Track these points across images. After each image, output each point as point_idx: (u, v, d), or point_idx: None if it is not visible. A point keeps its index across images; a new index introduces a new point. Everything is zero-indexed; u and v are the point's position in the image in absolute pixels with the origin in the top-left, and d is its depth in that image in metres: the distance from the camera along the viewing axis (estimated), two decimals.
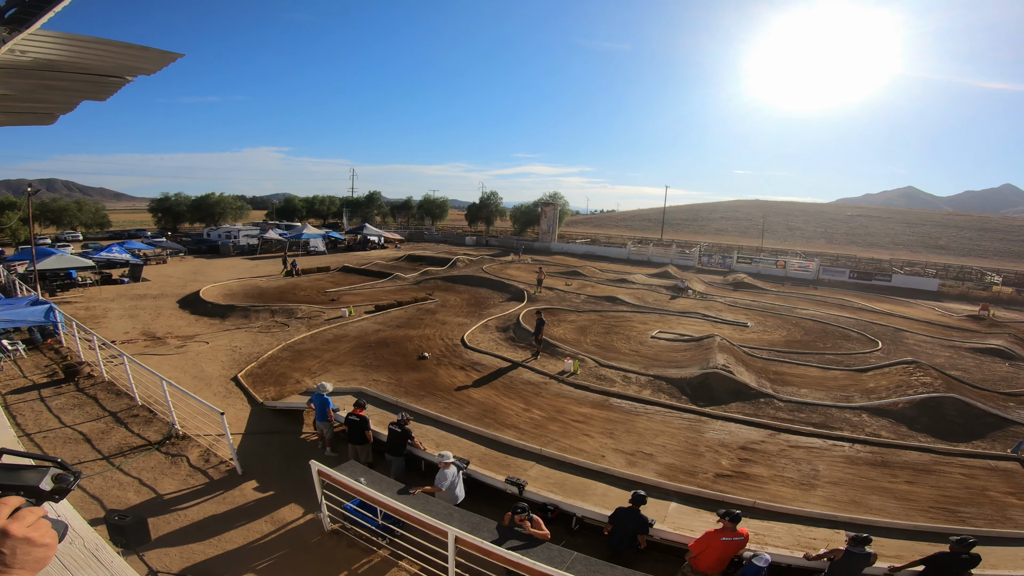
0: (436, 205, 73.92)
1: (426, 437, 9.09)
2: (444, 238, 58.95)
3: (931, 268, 53.82)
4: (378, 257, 40.13)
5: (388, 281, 28.95)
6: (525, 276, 31.66)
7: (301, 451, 9.80)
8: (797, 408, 13.09)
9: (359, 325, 18.88)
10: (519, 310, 21.77)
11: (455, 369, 14.76)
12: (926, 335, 23.01)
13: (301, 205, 74.95)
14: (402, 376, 13.98)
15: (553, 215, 55.00)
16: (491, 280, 29.38)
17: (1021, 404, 14.09)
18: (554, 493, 7.70)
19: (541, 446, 9.40)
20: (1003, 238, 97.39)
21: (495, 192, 71.15)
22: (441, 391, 13.07)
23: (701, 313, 24.48)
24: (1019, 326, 26.97)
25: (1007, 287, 41.86)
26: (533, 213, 62.45)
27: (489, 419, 11.45)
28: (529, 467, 8.48)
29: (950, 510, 8.85)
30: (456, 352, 16.20)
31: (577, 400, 12.92)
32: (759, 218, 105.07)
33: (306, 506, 7.87)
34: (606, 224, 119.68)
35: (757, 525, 7.07)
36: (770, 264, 45.10)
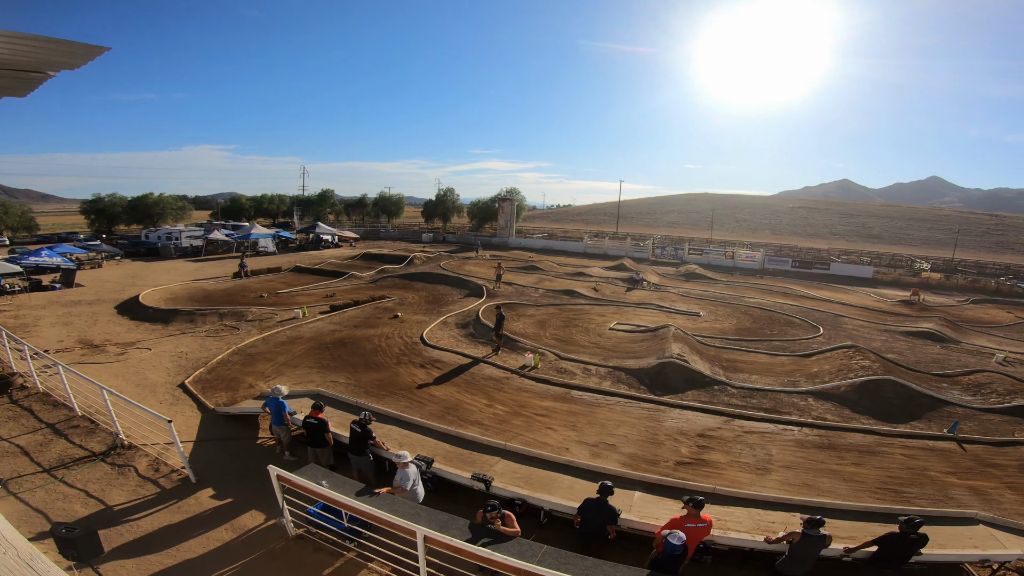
0: (392, 202, 72.75)
1: (389, 437, 8.94)
2: (400, 235, 58.04)
3: (866, 256, 57.23)
4: (332, 256, 39.11)
5: (343, 280, 28.27)
6: (484, 272, 31.65)
7: (258, 456, 9.46)
8: (749, 394, 13.56)
9: (314, 326, 18.36)
10: (478, 306, 21.71)
11: (415, 367, 14.58)
12: (863, 320, 24.42)
13: (249, 204, 72.09)
14: (361, 376, 13.70)
15: (510, 210, 55.10)
16: (449, 277, 29.17)
17: (953, 385, 15.03)
18: (521, 488, 7.70)
19: (505, 441, 9.40)
20: (931, 227, 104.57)
21: (452, 188, 70.77)
22: (402, 390, 12.88)
23: (656, 304, 25.12)
24: (947, 310, 29.06)
25: (935, 273, 45.02)
26: (490, 209, 62.37)
27: (452, 416, 11.39)
28: (495, 463, 8.47)
29: (895, 490, 9.25)
30: (416, 350, 16.00)
31: (539, 394, 13.01)
32: (709, 211, 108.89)
33: (268, 512, 7.62)
34: (563, 219, 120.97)
35: (718, 511, 7.25)
36: (719, 255, 46.77)
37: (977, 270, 51.34)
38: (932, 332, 21.68)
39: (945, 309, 29.14)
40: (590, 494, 6.68)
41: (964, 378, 15.45)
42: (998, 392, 13.99)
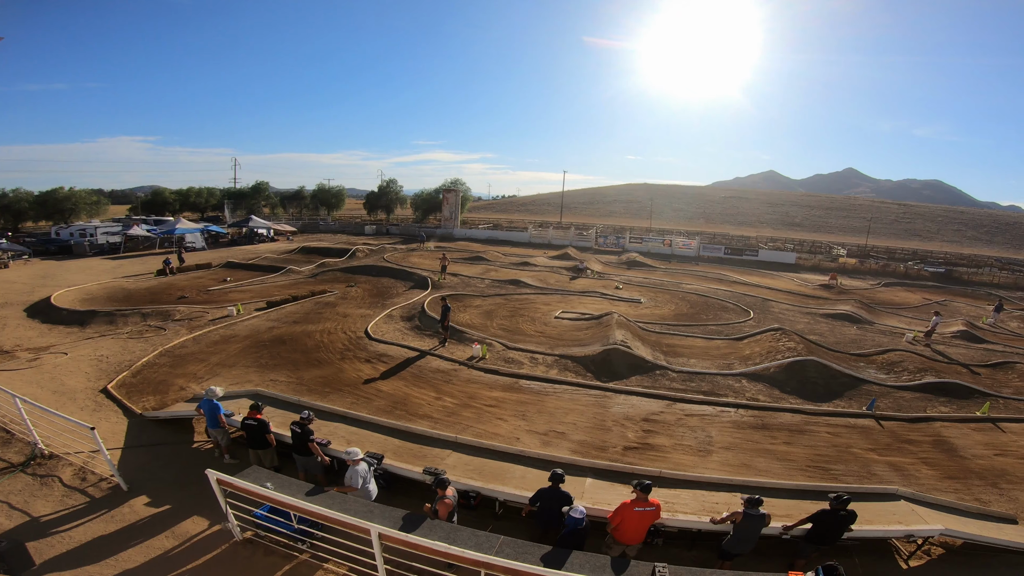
0: (332, 194, 70.17)
1: (335, 435, 8.68)
2: (342, 228, 56.17)
3: (790, 243, 60.93)
4: (268, 251, 37.35)
5: (281, 275, 27.08)
6: (428, 263, 31.24)
7: (196, 461, 8.96)
8: (688, 378, 14.10)
9: (250, 324, 17.49)
10: (424, 298, 21.43)
11: (360, 362, 14.22)
12: (788, 304, 26.01)
13: (173, 198, 67.42)
14: (303, 374, 13.20)
15: (455, 201, 54.59)
16: (393, 269, 28.60)
17: (869, 364, 16.21)
18: (474, 480, 7.69)
19: (456, 434, 9.35)
20: (846, 216, 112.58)
21: (395, 180, 69.10)
22: (347, 386, 12.53)
23: (599, 292, 25.71)
24: (862, 293, 31.45)
25: (851, 258, 48.62)
26: (435, 200, 61.50)
27: (400, 411, 11.20)
28: (446, 456, 8.41)
29: (824, 468, 9.78)
30: (360, 344, 15.60)
31: (488, 384, 13.01)
32: (648, 200, 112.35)
33: (211, 517, 7.25)
34: (508, 209, 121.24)
35: (666, 493, 7.48)
36: (658, 243, 48.44)
37: (888, 255, 55.83)
38: (849, 314, 23.39)
39: (860, 292, 31.54)
40: (543, 483, 6.74)
41: (879, 357, 16.69)
42: (909, 370, 15.23)
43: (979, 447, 10.86)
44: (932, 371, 14.95)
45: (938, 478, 9.58)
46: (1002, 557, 7.19)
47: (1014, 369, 16.02)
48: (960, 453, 10.58)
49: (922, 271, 42.93)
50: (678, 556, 6.96)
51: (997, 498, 8.95)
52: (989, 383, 14.75)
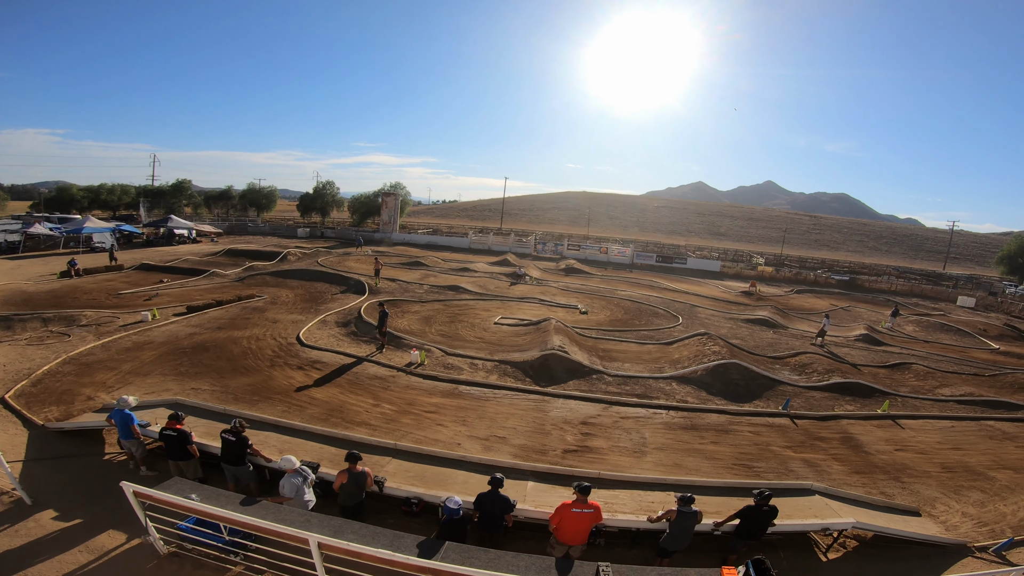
0: (262, 195, 66.75)
1: (266, 444, 8.25)
2: (272, 230, 53.59)
3: (715, 252, 64.57)
4: (188, 253, 35.01)
5: (203, 279, 25.46)
6: (365, 268, 30.45)
7: (109, 473, 8.27)
8: (623, 381, 14.53)
9: (167, 329, 16.32)
10: (360, 303, 20.87)
11: (292, 369, 13.63)
12: (713, 309, 27.50)
13: (82, 195, 61.83)
14: (229, 382, 12.47)
15: (394, 205, 53.61)
16: (328, 273, 27.66)
17: (784, 366, 17.41)
18: (415, 486, 7.55)
19: (396, 440, 9.16)
20: (765, 226, 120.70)
21: (332, 181, 66.71)
22: (278, 394, 11.97)
23: (538, 298, 26.05)
24: (778, 299, 33.78)
25: (768, 267, 52.13)
26: (373, 203, 60.04)
27: (336, 418, 10.82)
28: (386, 463, 8.20)
29: (747, 465, 10.32)
30: (292, 351, 14.96)
31: (427, 391, 12.85)
32: (586, 208, 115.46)
33: (129, 531, 6.70)
34: (449, 214, 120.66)
35: (605, 494, 7.62)
36: (595, 250, 49.83)
37: (800, 264, 60.40)
38: (766, 319, 25.09)
39: (776, 299, 33.88)
40: (485, 487, 6.72)
41: (792, 359, 17.96)
42: (818, 371, 16.48)
43: (881, 443, 11.82)
44: (839, 372, 16.26)
45: (847, 473, 10.28)
46: (909, 549, 7.71)
47: (910, 369, 17.75)
48: (865, 449, 11.44)
49: (829, 279, 46.74)
50: (620, 555, 7.08)
51: (900, 491, 9.67)
52: (888, 383, 16.16)
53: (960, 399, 15.03)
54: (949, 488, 9.88)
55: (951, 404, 14.71)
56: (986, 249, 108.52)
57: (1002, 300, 41.62)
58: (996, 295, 44.94)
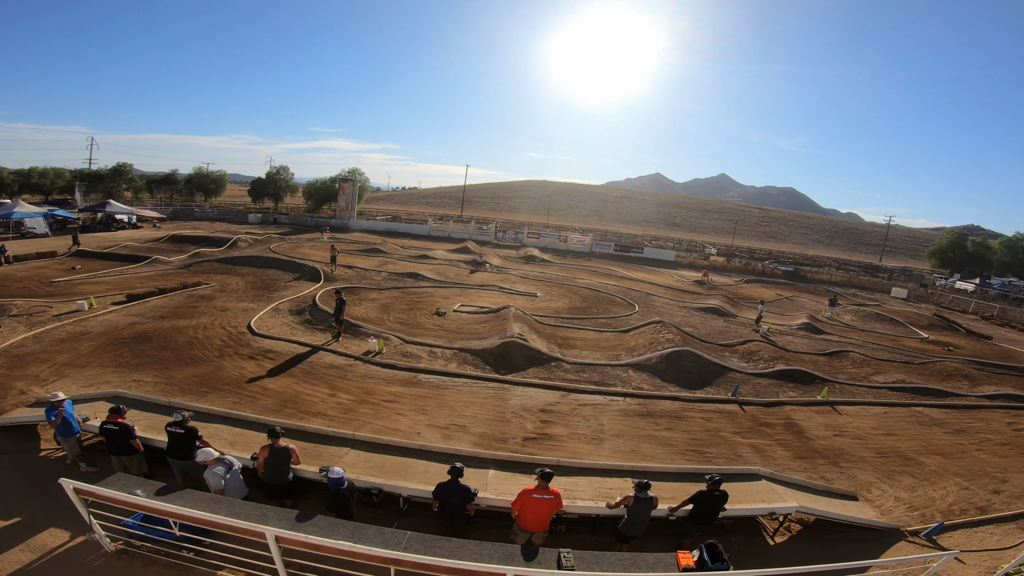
0: (211, 179, 63.53)
1: (216, 436, 7.95)
2: (222, 216, 51.17)
3: (671, 242, 66.26)
4: (128, 239, 33.04)
5: (145, 266, 24.15)
6: (320, 255, 29.64)
7: (47, 470, 7.81)
8: (581, 369, 14.77)
9: (106, 319, 15.43)
10: (315, 290, 20.33)
11: (243, 359, 13.17)
12: (668, 298, 28.25)
13: (12, 179, 57.48)
14: (174, 373, 11.94)
15: (352, 192, 52.17)
16: (281, 260, 26.79)
17: (733, 353, 18.03)
18: (375, 476, 7.45)
19: (354, 431, 9.01)
20: (718, 218, 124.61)
21: (286, 167, 64.18)
22: (228, 385, 11.55)
23: (498, 285, 26.10)
24: (728, 288, 35.00)
25: (720, 257, 53.92)
26: (330, 189, 58.25)
27: (291, 409, 10.56)
28: (344, 453, 8.06)
29: (699, 451, 10.64)
30: (243, 340, 14.45)
31: (386, 379, 12.69)
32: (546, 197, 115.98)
33: (72, 528, 6.40)
34: (408, 201, 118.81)
35: (565, 481, 7.71)
36: (555, 239, 50.23)
37: (749, 255, 62.74)
38: (717, 308, 26.00)
39: (726, 288, 35.13)
40: (446, 477, 6.70)
41: (740, 347, 18.65)
42: (764, 359, 17.18)
43: (821, 428, 12.40)
44: (782, 359, 17.03)
45: (790, 458, 10.73)
46: (848, 532, 8.10)
47: (847, 357, 18.76)
48: (806, 434, 11.98)
49: (776, 270, 48.80)
50: (581, 541, 7.19)
51: (838, 476, 10.13)
52: (827, 370, 17.00)
53: (892, 386, 15.98)
54: (883, 473, 10.39)
55: (884, 391, 15.61)
56: (919, 243, 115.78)
57: (932, 292, 44.58)
58: (927, 287, 48.14)
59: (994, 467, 11.08)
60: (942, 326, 29.09)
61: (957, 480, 10.32)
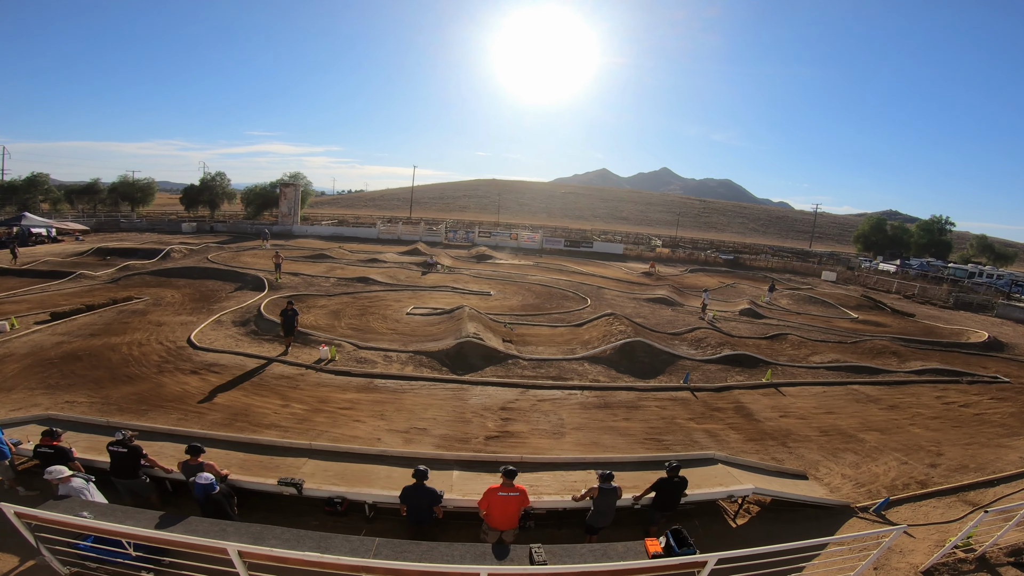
0: (137, 188, 59.64)
1: (162, 455, 7.53)
2: (152, 226, 48.12)
3: (618, 236, 67.85)
4: (49, 253, 30.60)
5: (69, 282, 22.44)
6: (263, 263, 28.49)
7: None
8: (538, 365, 14.90)
9: (30, 340, 14.29)
10: (259, 300, 19.52)
11: (185, 375, 12.52)
12: (618, 291, 28.95)
13: None
14: (110, 392, 11.20)
15: (295, 196, 50.33)
16: (221, 270, 25.63)
17: (682, 341, 18.64)
18: (337, 485, 7.28)
19: (310, 440, 8.76)
20: (662, 210, 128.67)
21: (222, 173, 61.15)
22: (171, 402, 10.95)
23: (450, 286, 25.96)
24: (674, 279, 36.24)
25: (665, 248, 55.74)
26: (270, 195, 55.98)
27: (242, 422, 10.13)
28: (302, 464, 7.80)
29: (657, 439, 10.88)
30: (183, 355, 13.74)
31: (340, 387, 12.40)
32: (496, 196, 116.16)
33: (20, 553, 6.00)
34: (355, 204, 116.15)
35: (529, 478, 7.73)
36: (506, 237, 50.46)
37: (692, 245, 65.19)
38: (665, 298, 26.89)
39: (673, 278, 36.39)
40: (410, 481, 6.62)
41: (688, 335, 19.32)
42: (712, 345, 17.86)
43: (768, 410, 12.95)
44: (728, 345, 17.78)
45: (743, 441, 11.13)
46: (803, 511, 8.44)
47: (787, 340, 19.82)
48: (755, 417, 12.47)
49: (717, 258, 50.93)
50: (551, 536, 7.24)
51: (788, 456, 10.53)
52: (769, 353, 17.87)
53: (829, 365, 16.90)
54: (828, 451, 10.83)
55: (822, 371, 16.48)
56: (844, 229, 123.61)
57: (859, 274, 47.74)
58: (853, 269, 51.49)
59: (928, 441, 11.64)
60: (869, 306, 31.15)
61: (896, 455, 10.79)
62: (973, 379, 16.58)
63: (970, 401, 14.62)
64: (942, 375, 16.80)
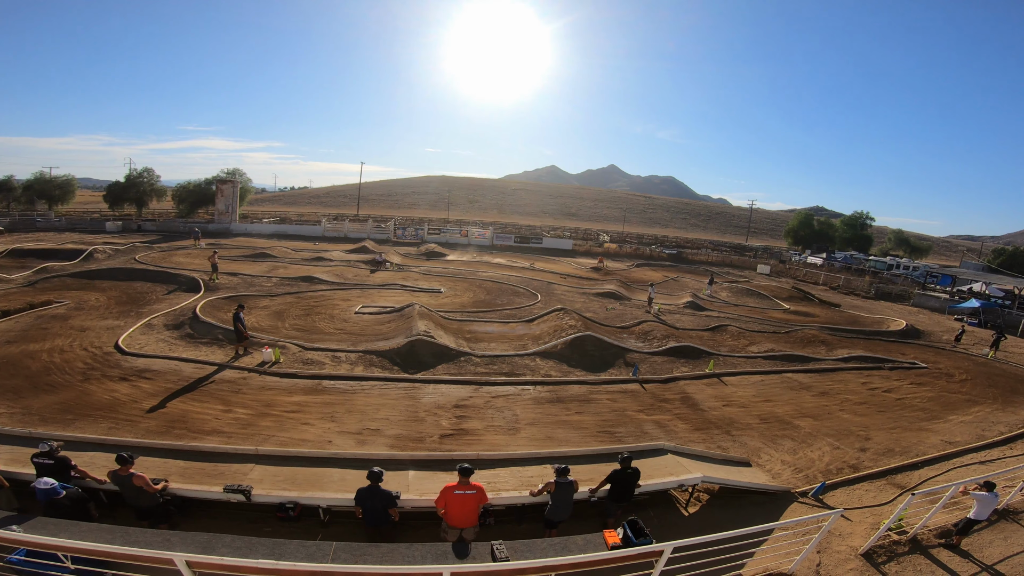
0: (55, 185, 54.93)
1: (94, 465, 7.04)
2: (71, 226, 44.35)
3: (567, 232, 68.84)
4: None
5: None
6: (199, 263, 27.00)
7: None
8: (491, 361, 14.90)
9: None
10: (195, 302, 18.48)
11: (114, 382, 11.74)
12: (567, 286, 29.39)
13: None
14: (30, 402, 10.35)
15: (232, 193, 47.82)
16: (150, 271, 24.08)
17: (630, 335, 19.10)
18: (288, 490, 7.03)
19: (256, 445, 8.45)
20: (609, 206, 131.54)
21: (150, 169, 57.16)
22: (99, 410, 10.24)
23: (400, 284, 25.58)
24: (621, 273, 37.13)
25: (613, 244, 57.06)
26: (206, 192, 52.91)
27: (180, 429, 9.61)
28: (248, 470, 7.47)
29: (609, 431, 11.10)
30: (111, 362, 12.89)
31: (286, 390, 11.97)
32: (446, 192, 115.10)
33: None
34: (298, 202, 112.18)
35: (486, 474, 7.72)
36: (456, 234, 50.11)
37: (638, 241, 67.02)
38: (613, 292, 27.52)
39: (620, 273, 37.26)
40: (365, 483, 6.49)
41: (636, 328, 19.85)
42: (658, 338, 18.45)
43: (712, 400, 13.48)
44: (673, 337, 18.43)
45: (690, 430, 11.52)
46: (749, 497, 8.80)
47: (727, 331, 20.73)
48: (700, 406, 12.94)
49: (661, 253, 52.67)
50: (511, 532, 7.28)
51: (732, 444, 10.96)
52: (711, 344, 18.64)
53: (765, 355, 17.81)
54: (767, 438, 11.35)
55: (759, 360, 17.35)
56: (777, 224, 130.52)
57: (790, 267, 50.65)
58: (785, 263, 54.56)
59: (857, 426, 12.36)
60: (800, 297, 33.11)
61: (829, 440, 11.40)
62: (894, 365, 17.88)
63: (892, 386, 15.72)
64: (866, 362, 17.99)
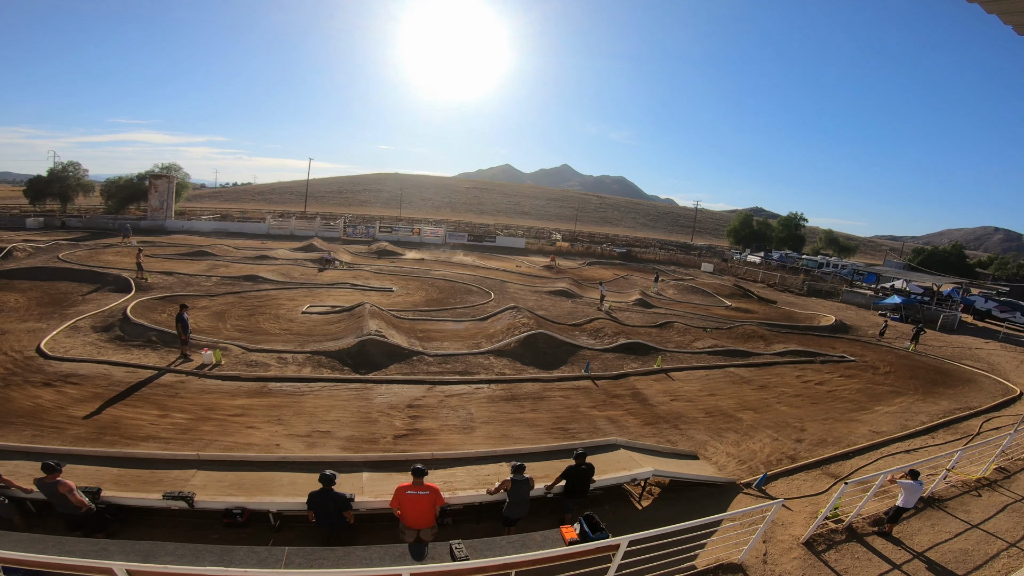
0: None
1: (18, 474, 6.56)
2: None
3: (520, 230, 69.26)
4: None
5: None
6: (128, 262, 25.38)
7: None
8: (444, 360, 14.79)
9: None
10: (125, 303, 17.36)
11: (37, 387, 10.95)
12: (520, 284, 29.50)
13: None
14: None
15: (168, 189, 45.06)
16: (75, 270, 22.43)
17: (582, 332, 19.42)
18: (235, 495, 6.77)
19: (198, 451, 8.07)
20: (561, 206, 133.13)
21: (76, 162, 53.13)
22: (22, 417, 9.55)
23: (350, 283, 24.99)
24: (573, 271, 37.69)
25: (565, 242, 57.84)
26: (138, 187, 49.63)
27: (112, 436, 9.08)
28: (190, 476, 7.13)
29: (563, 428, 11.24)
30: (32, 366, 12.00)
31: (229, 393, 11.51)
32: (398, 190, 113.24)
33: None
34: (241, 198, 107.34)
35: (442, 474, 7.71)
36: (408, 232, 49.38)
37: (590, 239, 68.20)
38: (565, 290, 27.89)
39: (572, 271, 37.81)
40: (317, 486, 6.35)
41: (587, 325, 20.22)
42: (609, 334, 18.83)
43: (660, 395, 13.87)
44: (623, 334, 18.85)
45: (640, 425, 11.81)
46: (697, 489, 9.10)
47: (673, 327, 21.43)
48: (650, 402, 13.29)
49: (612, 252, 53.84)
50: (470, 531, 7.28)
51: (680, 437, 11.30)
52: (659, 340, 19.18)
53: (709, 350, 18.52)
54: (713, 431, 11.77)
55: (704, 355, 18.01)
56: (720, 224, 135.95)
57: (731, 265, 52.91)
58: (727, 261, 57.00)
59: (793, 418, 13.00)
60: (740, 294, 34.61)
61: (768, 432, 11.93)
62: (825, 359, 19.03)
63: (824, 379, 16.71)
64: (800, 356, 19.08)
